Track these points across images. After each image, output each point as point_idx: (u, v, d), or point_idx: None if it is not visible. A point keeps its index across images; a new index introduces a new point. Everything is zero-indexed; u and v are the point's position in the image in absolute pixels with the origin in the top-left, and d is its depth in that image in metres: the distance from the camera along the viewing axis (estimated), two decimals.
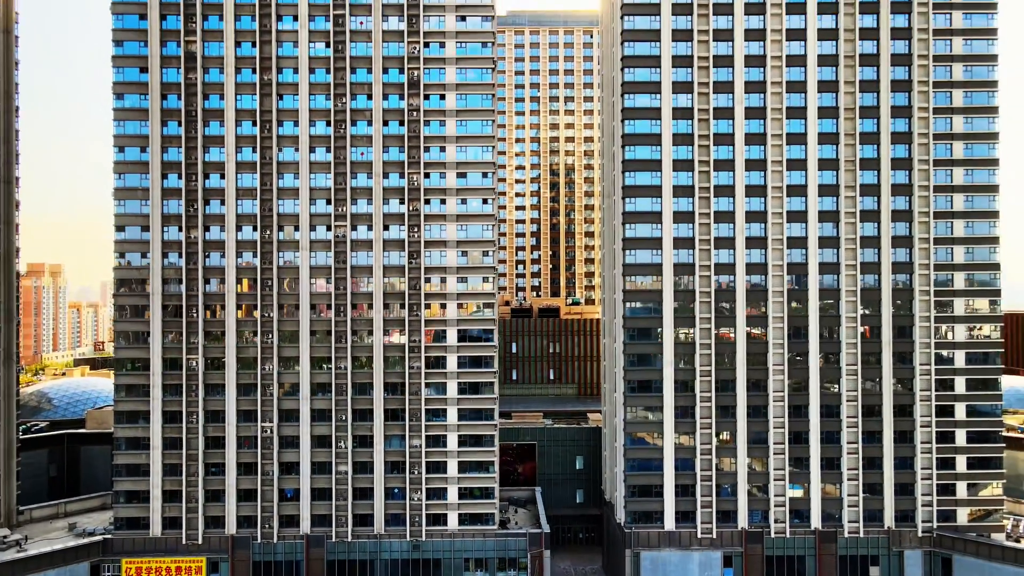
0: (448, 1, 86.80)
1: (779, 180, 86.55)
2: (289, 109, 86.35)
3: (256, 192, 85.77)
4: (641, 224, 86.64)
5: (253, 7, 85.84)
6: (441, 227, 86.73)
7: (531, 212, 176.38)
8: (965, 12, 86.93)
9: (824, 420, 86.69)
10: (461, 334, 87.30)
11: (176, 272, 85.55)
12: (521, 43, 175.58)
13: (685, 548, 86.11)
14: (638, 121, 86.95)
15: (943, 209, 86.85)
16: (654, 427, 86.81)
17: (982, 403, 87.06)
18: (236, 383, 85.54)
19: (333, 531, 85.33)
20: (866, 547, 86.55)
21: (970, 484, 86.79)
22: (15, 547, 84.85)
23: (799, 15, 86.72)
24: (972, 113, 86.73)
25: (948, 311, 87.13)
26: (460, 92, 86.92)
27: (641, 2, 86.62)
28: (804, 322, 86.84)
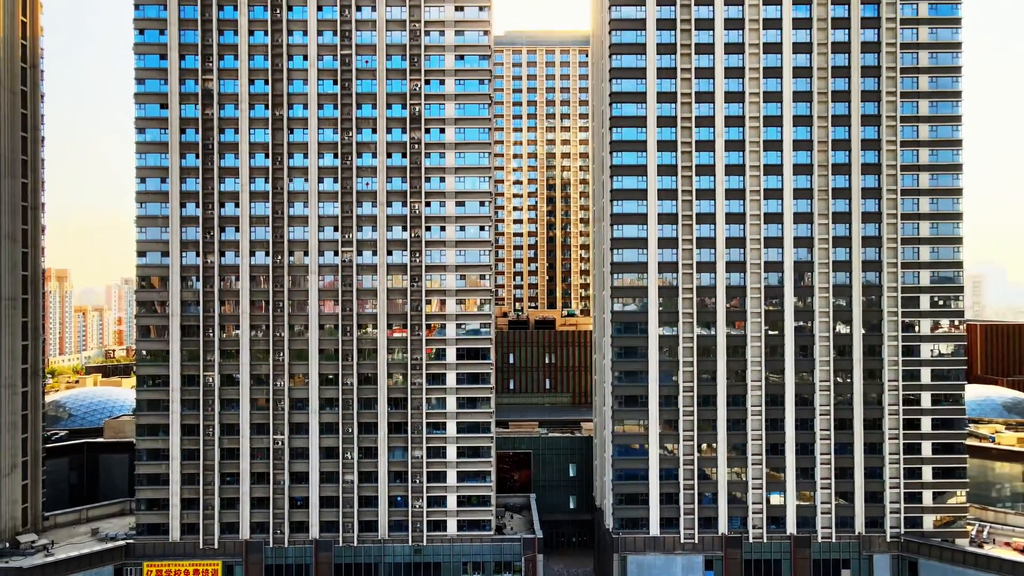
0: (448, 41, 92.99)
1: (756, 184, 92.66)
2: (299, 142, 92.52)
3: (268, 220, 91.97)
4: (628, 225, 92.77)
5: (265, 47, 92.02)
6: (441, 252, 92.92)
7: (528, 225, 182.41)
8: (931, 27, 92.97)
9: (799, 432, 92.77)
10: (460, 352, 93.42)
11: (194, 295, 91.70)
12: (519, 62, 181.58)
13: (669, 552, 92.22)
14: (625, 128, 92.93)
15: (910, 211, 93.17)
16: (640, 439, 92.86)
17: (946, 417, 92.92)
18: (250, 398, 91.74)
19: (340, 536, 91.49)
20: (838, 551, 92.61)
21: (936, 492, 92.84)
22: (43, 551, 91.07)
23: (775, 30, 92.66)
24: (936, 122, 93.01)
25: (915, 331, 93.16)
26: (459, 126, 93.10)
27: (628, 18, 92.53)
28: (780, 340, 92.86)
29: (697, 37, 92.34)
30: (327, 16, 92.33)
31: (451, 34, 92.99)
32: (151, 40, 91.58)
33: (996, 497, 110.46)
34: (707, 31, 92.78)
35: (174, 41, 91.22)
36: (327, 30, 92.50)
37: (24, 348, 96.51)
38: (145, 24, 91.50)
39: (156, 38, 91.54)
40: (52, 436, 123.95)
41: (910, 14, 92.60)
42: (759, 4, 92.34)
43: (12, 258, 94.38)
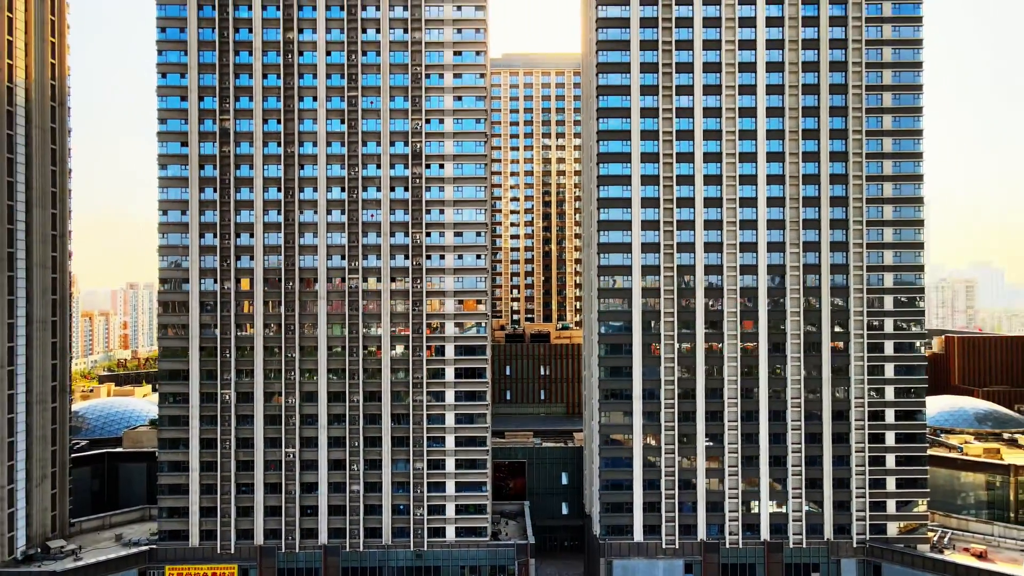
0: (447, 84, 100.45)
1: (732, 193, 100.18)
2: (309, 177, 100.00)
3: (280, 249, 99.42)
4: (613, 231, 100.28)
5: (278, 89, 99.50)
6: (440, 279, 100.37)
7: (525, 240, 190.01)
8: (894, 48, 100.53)
9: (772, 446, 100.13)
10: (458, 371, 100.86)
11: (212, 318, 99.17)
12: (515, 83, 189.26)
13: (652, 557, 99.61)
14: (611, 142, 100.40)
15: (875, 218, 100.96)
16: (625, 452, 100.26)
17: (908, 432, 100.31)
18: (264, 414, 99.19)
19: (347, 542, 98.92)
20: (808, 556, 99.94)
21: (899, 502, 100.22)
22: (72, 556, 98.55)
23: (750, 50, 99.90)
24: (899, 135, 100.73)
25: (880, 352, 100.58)
26: (457, 162, 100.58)
27: (613, 39, 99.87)
28: (755, 362, 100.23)
29: (677, 56, 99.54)
30: (335, 60, 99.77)
31: (449, 77, 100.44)
32: (172, 83, 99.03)
33: (961, 504, 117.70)
34: (687, 51, 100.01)
35: (194, 84, 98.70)
36: (335, 73, 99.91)
37: (53, 367, 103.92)
38: (167, 68, 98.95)
39: (177, 81, 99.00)
40: (74, 446, 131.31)
41: (874, 35, 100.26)
42: (735, 70, 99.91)
43: (43, 284, 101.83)
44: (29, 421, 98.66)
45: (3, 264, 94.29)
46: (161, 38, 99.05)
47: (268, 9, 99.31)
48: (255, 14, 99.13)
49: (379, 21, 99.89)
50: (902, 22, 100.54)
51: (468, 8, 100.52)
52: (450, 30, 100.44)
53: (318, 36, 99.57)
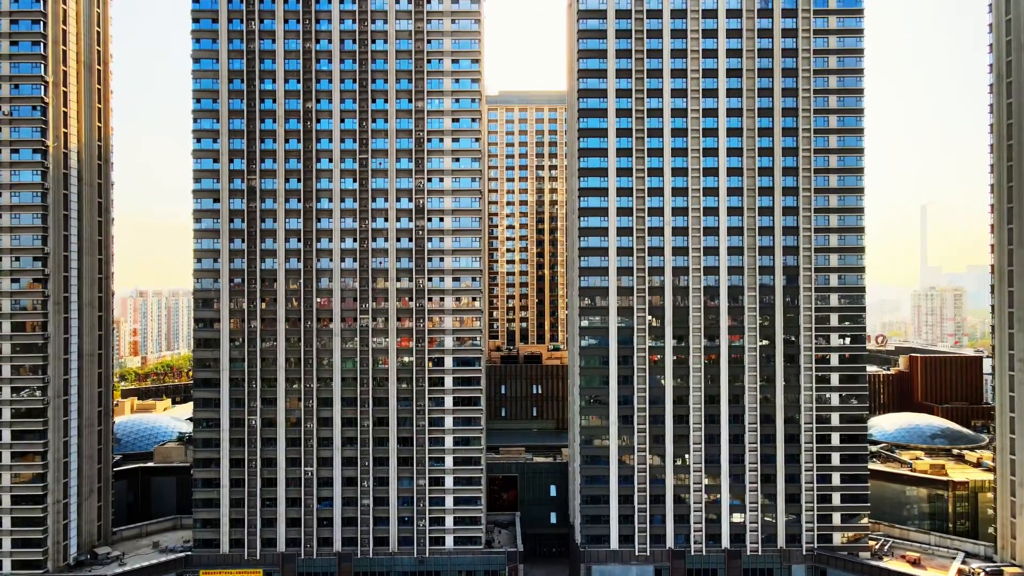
0: (446, 147, 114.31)
1: (697, 203, 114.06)
2: (325, 229, 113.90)
3: (300, 293, 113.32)
4: (592, 237, 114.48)
5: (298, 152, 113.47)
6: (441, 319, 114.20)
7: (520, 266, 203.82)
8: (839, 76, 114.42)
9: (732, 465, 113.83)
10: (455, 399, 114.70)
11: (239, 353, 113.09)
12: (511, 119, 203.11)
13: (626, 563, 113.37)
14: (591, 158, 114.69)
15: (822, 225, 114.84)
16: (603, 471, 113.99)
17: (851, 453, 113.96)
18: (285, 437, 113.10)
19: (358, 550, 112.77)
20: (764, 563, 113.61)
21: (844, 515, 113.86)
22: (117, 561, 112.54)
23: (712, 79, 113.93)
24: (844, 153, 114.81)
25: (828, 383, 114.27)
26: (455, 216, 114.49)
27: (593, 69, 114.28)
28: (717, 389, 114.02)
29: (649, 83, 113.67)
30: (348, 127, 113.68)
31: (448, 141, 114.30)
32: (206, 147, 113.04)
33: (907, 516, 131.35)
34: (656, 78, 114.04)
35: (224, 148, 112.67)
36: (348, 138, 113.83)
37: (99, 394, 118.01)
38: (201, 135, 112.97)
39: (210, 145, 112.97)
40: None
41: (820, 65, 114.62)
42: (699, 96, 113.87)
43: (91, 320, 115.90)
44: (80, 443, 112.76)
45: (60, 307, 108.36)
46: (196, 108, 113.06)
47: (290, 82, 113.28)
48: (278, 86, 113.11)
49: (387, 92, 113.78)
50: (847, 73, 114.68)
51: (465, 81, 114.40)
52: (449, 100, 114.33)
53: (333, 106, 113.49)
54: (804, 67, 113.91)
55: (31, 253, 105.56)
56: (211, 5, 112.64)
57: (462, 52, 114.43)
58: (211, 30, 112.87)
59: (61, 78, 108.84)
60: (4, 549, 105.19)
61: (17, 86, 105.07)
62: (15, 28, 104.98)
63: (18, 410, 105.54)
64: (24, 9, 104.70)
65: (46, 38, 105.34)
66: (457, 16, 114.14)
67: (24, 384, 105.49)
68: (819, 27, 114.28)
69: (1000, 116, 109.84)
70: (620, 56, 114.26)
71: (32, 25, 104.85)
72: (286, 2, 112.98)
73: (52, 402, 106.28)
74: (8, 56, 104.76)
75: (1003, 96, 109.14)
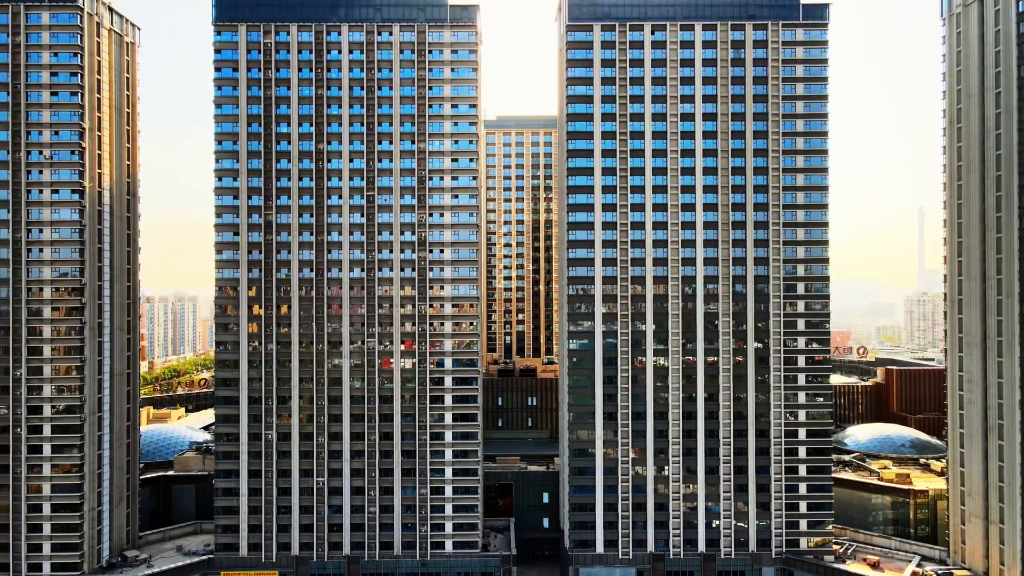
0: (446, 185, 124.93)
1: (676, 219, 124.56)
2: (335, 260, 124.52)
3: (312, 320, 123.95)
4: (580, 249, 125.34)
5: (311, 189, 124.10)
6: (441, 343, 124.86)
7: (517, 282, 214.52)
8: (805, 120, 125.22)
9: (708, 476, 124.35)
10: (455, 415, 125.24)
11: (257, 374, 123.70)
12: (508, 142, 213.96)
13: (610, 566, 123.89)
14: (578, 176, 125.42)
15: (790, 238, 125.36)
16: (589, 480, 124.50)
17: (817, 464, 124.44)
18: (299, 450, 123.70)
19: (365, 553, 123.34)
20: (737, 565, 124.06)
21: (810, 522, 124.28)
22: (145, 564, 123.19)
23: (689, 115, 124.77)
24: (810, 172, 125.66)
25: (796, 400, 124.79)
26: (454, 248, 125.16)
27: (580, 99, 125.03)
28: (694, 406, 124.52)
29: (632, 108, 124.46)
30: (356, 166, 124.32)
31: (448, 179, 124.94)
32: (227, 185, 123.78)
33: (873, 521, 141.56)
34: (638, 103, 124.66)
35: (244, 186, 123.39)
36: (356, 176, 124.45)
37: (128, 410, 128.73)
38: (223, 173, 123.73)
39: (231, 183, 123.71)
40: None
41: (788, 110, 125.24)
42: (678, 123, 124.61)
43: (120, 343, 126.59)
44: (112, 455, 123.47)
45: (95, 332, 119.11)
46: (218, 149, 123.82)
47: (303, 125, 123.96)
48: (293, 130, 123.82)
49: (392, 135, 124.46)
50: (812, 117, 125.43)
51: (463, 124, 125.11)
52: (448, 141, 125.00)
53: (343, 147, 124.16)
54: (774, 93, 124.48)
55: (70, 283, 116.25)
56: (231, 56, 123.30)
57: (461, 97, 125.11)
58: (231, 78, 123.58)
59: (96, 123, 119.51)
60: (44, 552, 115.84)
61: (57, 132, 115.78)
62: (55, 80, 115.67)
63: (58, 426, 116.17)
64: (63, 63, 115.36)
65: (83, 88, 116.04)
66: (456, 65, 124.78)
67: (64, 403, 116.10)
68: (787, 57, 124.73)
69: (952, 159, 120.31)
70: (605, 101, 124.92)
71: (70, 77, 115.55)
72: (300, 53, 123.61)
73: (88, 419, 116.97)
74: (49, 105, 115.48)
75: (954, 140, 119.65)
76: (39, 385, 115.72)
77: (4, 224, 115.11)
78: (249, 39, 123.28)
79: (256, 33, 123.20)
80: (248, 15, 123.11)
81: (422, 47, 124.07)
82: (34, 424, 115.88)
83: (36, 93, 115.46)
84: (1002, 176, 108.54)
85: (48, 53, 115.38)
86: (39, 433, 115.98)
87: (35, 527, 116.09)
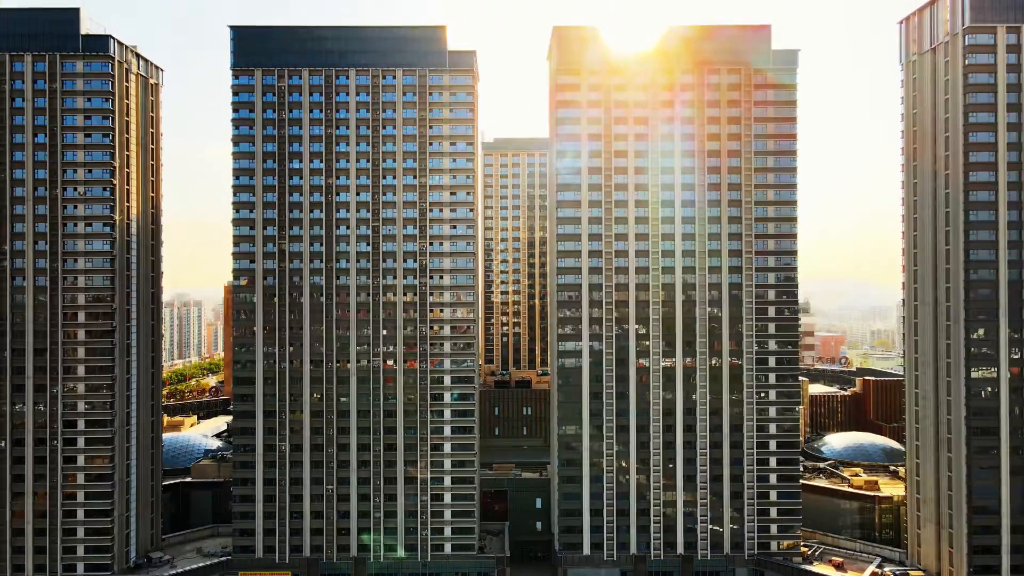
0: (445, 216, 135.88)
1: (657, 246, 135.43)
2: (344, 284, 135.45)
3: (322, 338, 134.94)
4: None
5: (321, 220, 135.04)
6: (440, 362, 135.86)
7: (514, 296, 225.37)
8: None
9: (686, 483, 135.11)
10: (453, 428, 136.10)
11: (271, 391, 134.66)
12: (505, 163, 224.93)
13: (596, 567, 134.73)
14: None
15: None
16: (576, 487, 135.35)
17: (786, 474, 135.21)
18: (310, 460, 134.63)
19: (371, 555, 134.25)
20: (713, 566, 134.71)
21: (780, 527, 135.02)
22: (168, 564, 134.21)
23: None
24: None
25: (767, 414, 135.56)
26: (452, 275, 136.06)
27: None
28: (673, 420, 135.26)
29: (616, 144, 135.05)
30: (363, 199, 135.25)
31: (447, 211, 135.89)
32: (244, 217, 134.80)
33: (842, 525, 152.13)
34: (623, 141, 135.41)
35: (259, 218, 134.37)
36: (363, 208, 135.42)
37: (152, 423, 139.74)
38: (240, 205, 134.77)
39: (247, 215, 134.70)
40: None
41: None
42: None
43: (146, 362, 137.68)
44: (138, 464, 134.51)
45: (123, 352, 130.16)
46: (236, 183, 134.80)
47: (314, 161, 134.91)
48: (304, 165, 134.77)
49: (395, 170, 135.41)
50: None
51: (461, 160, 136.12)
52: (447, 176, 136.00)
53: (350, 181, 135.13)
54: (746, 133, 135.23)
55: (102, 308, 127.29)
56: (248, 98, 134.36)
57: (459, 136, 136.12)
58: (248, 118, 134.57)
59: (124, 161, 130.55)
60: (79, 554, 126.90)
61: (90, 171, 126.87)
62: (88, 123, 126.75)
63: (90, 438, 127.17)
64: (96, 107, 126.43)
65: (113, 130, 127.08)
66: (454, 106, 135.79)
67: (96, 417, 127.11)
68: (759, 99, 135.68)
69: (909, 194, 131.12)
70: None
71: (102, 120, 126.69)
72: (311, 95, 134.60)
73: (118, 432, 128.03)
74: (83, 146, 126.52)
75: (911, 176, 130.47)
76: (74, 402, 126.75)
77: (42, 255, 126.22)
78: (264, 83, 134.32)
79: (271, 77, 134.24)
80: (263, 61, 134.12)
81: (423, 90, 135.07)
82: (69, 437, 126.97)
83: (71, 135, 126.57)
84: (950, 213, 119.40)
85: (82, 98, 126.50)
86: (73, 445, 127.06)
87: (69, 531, 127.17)
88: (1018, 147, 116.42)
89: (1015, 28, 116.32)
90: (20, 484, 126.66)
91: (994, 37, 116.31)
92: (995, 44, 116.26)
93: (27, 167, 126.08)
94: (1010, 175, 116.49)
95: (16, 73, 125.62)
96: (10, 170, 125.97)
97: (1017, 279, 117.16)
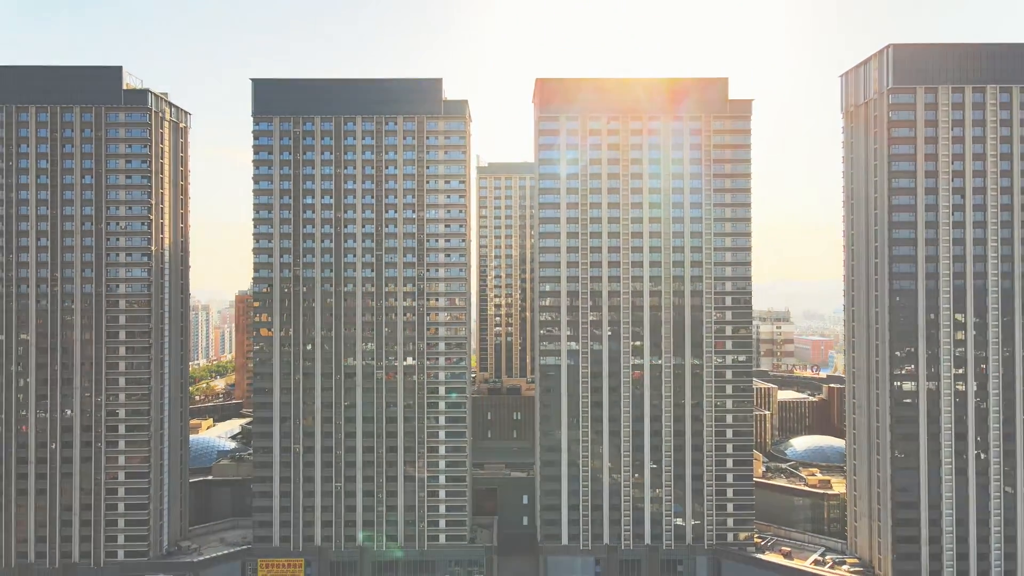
0: (440, 245, 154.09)
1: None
2: (351, 305, 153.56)
3: (331, 356, 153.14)
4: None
5: (331, 249, 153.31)
6: (435, 374, 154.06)
7: (506, 308, 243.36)
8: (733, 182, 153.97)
9: (653, 478, 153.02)
10: (448, 433, 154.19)
11: (286, 407, 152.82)
12: (498, 186, 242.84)
13: (573, 555, 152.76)
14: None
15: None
16: (556, 485, 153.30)
17: (741, 473, 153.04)
18: (320, 460, 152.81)
19: (375, 544, 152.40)
20: (676, 555, 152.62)
21: (736, 520, 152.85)
22: (196, 552, 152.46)
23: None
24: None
25: (725, 421, 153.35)
26: (448, 297, 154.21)
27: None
28: (643, 426, 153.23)
29: (591, 183, 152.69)
30: (368, 231, 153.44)
31: (443, 241, 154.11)
32: (263, 246, 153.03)
33: (796, 519, 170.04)
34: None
35: (276, 246, 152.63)
36: (367, 239, 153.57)
37: (180, 428, 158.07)
38: (259, 236, 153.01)
39: (266, 245, 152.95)
40: None
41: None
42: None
43: (176, 375, 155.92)
44: (169, 464, 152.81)
45: (158, 365, 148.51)
46: (256, 216, 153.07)
47: (325, 197, 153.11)
48: (316, 200, 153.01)
49: (396, 205, 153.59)
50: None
51: (455, 196, 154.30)
52: (443, 211, 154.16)
53: (356, 215, 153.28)
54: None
55: (140, 328, 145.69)
56: (267, 141, 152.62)
57: (453, 175, 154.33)
58: (267, 160, 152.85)
59: (159, 198, 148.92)
60: (119, 542, 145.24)
61: (131, 207, 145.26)
62: (129, 165, 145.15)
63: (131, 441, 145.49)
64: (136, 152, 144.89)
65: (151, 172, 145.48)
66: (449, 148, 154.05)
67: (135, 423, 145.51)
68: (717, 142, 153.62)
69: (848, 227, 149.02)
70: (570, 179, 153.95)
71: (141, 164, 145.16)
72: (322, 139, 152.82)
73: (153, 435, 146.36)
74: (124, 186, 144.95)
75: (850, 212, 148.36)
76: (115, 409, 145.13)
77: (89, 280, 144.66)
78: (281, 128, 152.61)
79: (287, 123, 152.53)
80: (280, 109, 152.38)
81: (421, 134, 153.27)
82: (111, 439, 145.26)
83: (114, 176, 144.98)
84: (878, 247, 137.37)
85: (124, 145, 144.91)
86: (115, 447, 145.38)
87: (111, 522, 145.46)
88: (935, 191, 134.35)
89: (932, 89, 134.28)
90: (68, 480, 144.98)
91: (914, 96, 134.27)
92: (915, 103, 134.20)
93: (75, 205, 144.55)
94: (927, 215, 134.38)
95: (66, 123, 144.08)
96: (61, 207, 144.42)
97: (935, 306, 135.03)
